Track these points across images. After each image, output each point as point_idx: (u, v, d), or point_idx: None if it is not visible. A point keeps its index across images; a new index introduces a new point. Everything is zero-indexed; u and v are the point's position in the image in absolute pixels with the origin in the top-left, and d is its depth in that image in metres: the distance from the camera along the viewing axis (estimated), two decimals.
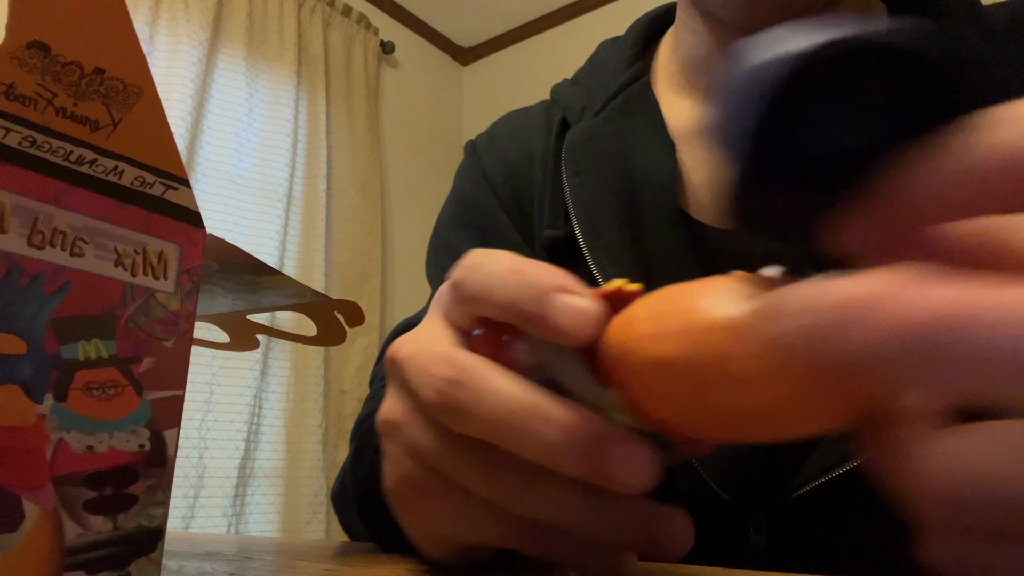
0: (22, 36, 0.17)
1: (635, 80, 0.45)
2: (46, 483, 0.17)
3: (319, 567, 0.27)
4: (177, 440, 0.20)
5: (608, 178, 0.42)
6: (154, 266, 0.20)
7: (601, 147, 0.43)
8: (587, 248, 0.41)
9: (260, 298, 0.32)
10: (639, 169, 0.42)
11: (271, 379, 1.84)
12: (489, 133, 0.53)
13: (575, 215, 0.42)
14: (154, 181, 0.20)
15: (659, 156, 0.42)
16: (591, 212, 0.41)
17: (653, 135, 0.43)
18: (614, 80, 0.46)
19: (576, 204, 0.42)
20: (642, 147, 0.42)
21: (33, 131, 0.17)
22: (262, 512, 1.77)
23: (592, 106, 0.46)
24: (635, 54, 0.47)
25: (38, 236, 0.17)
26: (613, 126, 0.44)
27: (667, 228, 0.40)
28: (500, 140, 0.51)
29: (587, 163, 0.43)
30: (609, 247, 0.40)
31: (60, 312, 0.17)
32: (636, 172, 0.42)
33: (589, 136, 0.44)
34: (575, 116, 0.46)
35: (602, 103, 0.45)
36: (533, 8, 2.47)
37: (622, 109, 0.44)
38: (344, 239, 2.08)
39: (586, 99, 0.47)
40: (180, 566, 0.27)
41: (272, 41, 1.99)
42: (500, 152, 0.50)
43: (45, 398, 0.17)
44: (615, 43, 0.50)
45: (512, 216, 0.47)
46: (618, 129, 0.44)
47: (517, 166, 0.48)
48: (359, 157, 2.17)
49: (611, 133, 0.44)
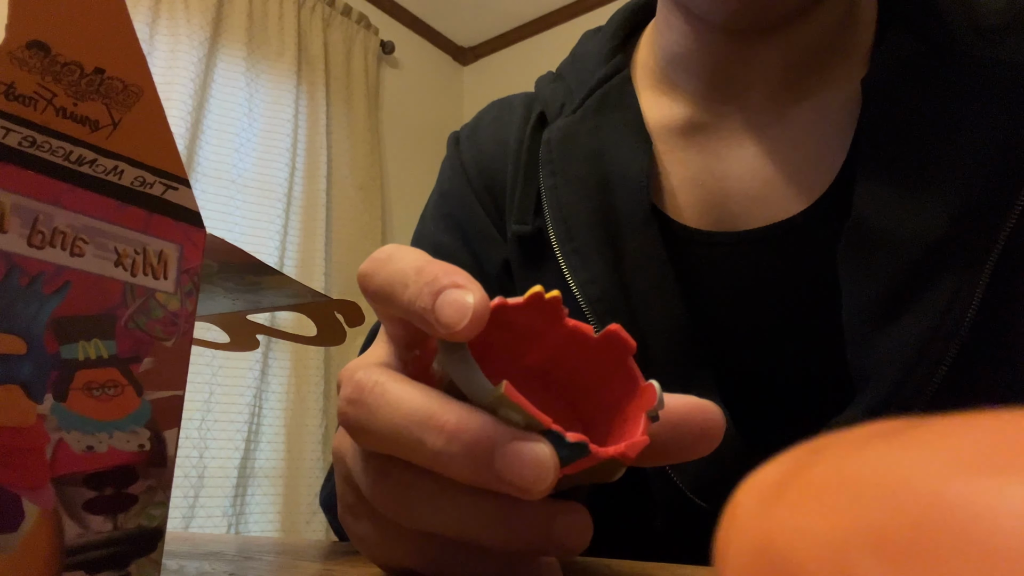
0: (22, 36, 0.17)
1: (615, 74, 0.45)
2: (46, 483, 0.17)
3: (319, 567, 0.27)
4: (177, 440, 0.20)
5: (583, 178, 0.42)
6: (154, 266, 0.20)
7: (577, 146, 0.43)
8: (560, 251, 0.41)
9: (260, 298, 0.32)
10: (614, 168, 0.41)
11: (271, 379, 1.84)
12: (473, 124, 0.53)
13: (549, 217, 0.42)
14: (154, 181, 0.20)
15: (634, 154, 0.41)
16: (565, 214, 0.41)
17: (629, 133, 0.42)
18: (593, 75, 0.45)
19: (551, 205, 0.42)
20: (617, 145, 0.42)
21: (33, 131, 0.17)
22: (262, 512, 1.77)
23: (571, 103, 0.45)
24: (615, 47, 0.47)
25: (38, 236, 0.17)
26: (590, 123, 0.43)
27: (640, 229, 0.39)
28: (481, 131, 0.51)
29: (563, 163, 0.43)
30: (582, 250, 0.40)
31: (60, 312, 0.17)
32: (611, 171, 0.41)
33: (565, 135, 0.44)
34: (554, 113, 0.46)
35: (580, 99, 0.45)
36: (533, 8, 2.47)
37: (599, 106, 0.44)
38: (344, 239, 2.08)
39: (566, 95, 0.46)
40: (180, 566, 0.27)
41: (272, 41, 1.99)
42: (479, 144, 0.50)
43: (45, 398, 0.17)
44: (597, 34, 0.49)
45: (487, 208, 0.47)
46: (594, 126, 0.43)
47: (492, 158, 0.48)
48: (359, 157, 2.17)
49: (587, 131, 0.43)
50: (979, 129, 0.34)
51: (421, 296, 0.17)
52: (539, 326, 0.20)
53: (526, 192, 0.44)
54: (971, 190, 0.33)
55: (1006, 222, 0.32)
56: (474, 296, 0.17)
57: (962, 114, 0.35)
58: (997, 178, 0.33)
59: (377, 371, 0.19)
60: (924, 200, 0.34)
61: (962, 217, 0.33)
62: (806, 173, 0.39)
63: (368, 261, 0.20)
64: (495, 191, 0.47)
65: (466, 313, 0.16)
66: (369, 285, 0.20)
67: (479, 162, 0.49)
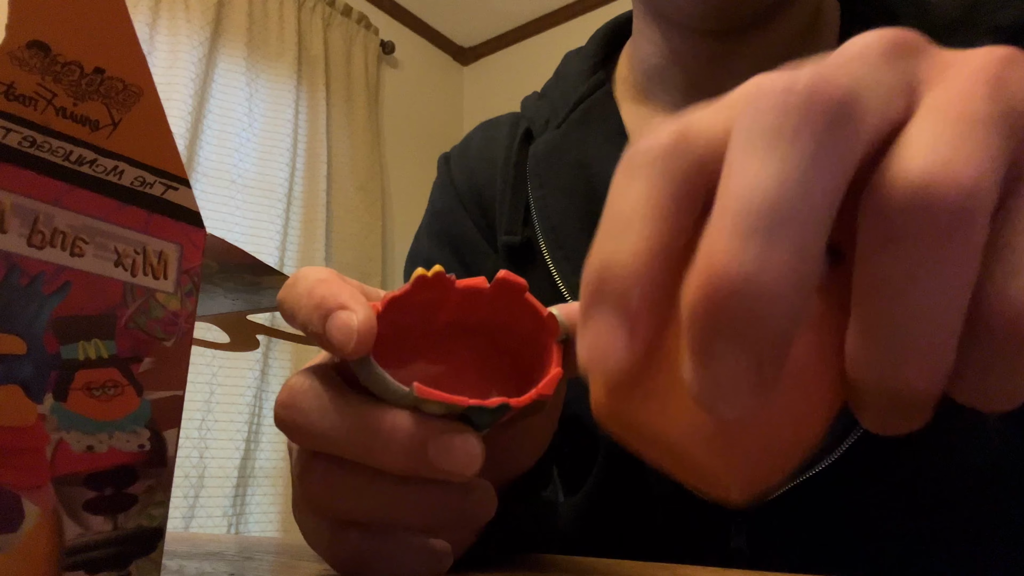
0: (22, 36, 0.17)
1: (596, 89, 0.47)
2: (46, 483, 0.17)
3: (319, 567, 0.27)
4: (177, 440, 0.20)
5: (569, 188, 0.43)
6: (154, 266, 0.20)
7: (563, 158, 0.45)
8: (550, 258, 0.42)
9: (260, 298, 0.32)
10: (599, 177, 0.43)
11: (271, 379, 1.84)
12: (462, 144, 0.55)
13: (539, 226, 0.43)
14: (154, 181, 0.20)
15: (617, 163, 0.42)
16: (554, 223, 0.43)
17: (612, 143, 0.44)
18: (575, 91, 0.47)
19: (539, 215, 0.44)
20: (602, 155, 0.43)
21: (33, 131, 0.17)
22: (262, 512, 1.77)
23: (555, 118, 0.47)
24: (595, 64, 0.49)
25: (38, 236, 0.17)
26: (574, 136, 0.45)
27: None
28: (470, 151, 0.53)
29: (549, 174, 0.44)
30: (572, 256, 0.41)
31: (60, 312, 0.17)
32: (596, 180, 0.43)
33: (551, 148, 0.45)
34: (539, 128, 0.48)
35: (564, 115, 0.46)
36: (533, 8, 2.47)
37: (582, 119, 0.46)
38: (344, 239, 2.08)
39: (550, 112, 0.48)
40: (180, 566, 0.27)
41: (272, 41, 1.99)
42: (468, 162, 0.52)
43: (45, 398, 0.17)
44: (578, 54, 0.51)
45: (477, 223, 0.49)
46: (579, 139, 0.45)
47: (481, 175, 0.50)
48: (359, 157, 2.17)
49: (572, 143, 0.45)
50: None
51: (311, 321, 0.19)
52: (438, 298, 0.21)
53: (515, 205, 0.46)
54: None
55: None
56: (358, 316, 0.18)
57: None
58: None
59: (310, 376, 0.20)
60: None
61: None
62: None
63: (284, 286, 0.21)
64: (485, 206, 0.49)
65: (351, 335, 0.18)
66: (282, 310, 0.21)
67: (469, 180, 0.51)
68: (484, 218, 0.49)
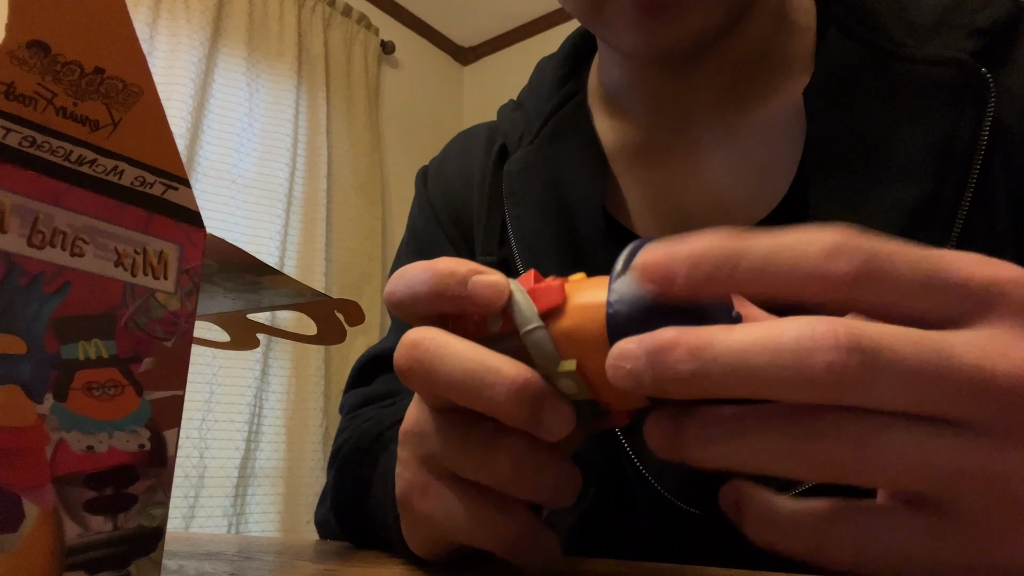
0: (22, 36, 0.17)
1: (567, 101, 0.47)
2: (46, 483, 0.17)
3: (319, 567, 0.27)
4: (177, 440, 0.20)
5: (545, 206, 0.44)
6: (154, 266, 0.20)
7: (537, 176, 0.45)
8: None
9: (260, 298, 0.32)
10: (572, 193, 0.43)
11: (271, 379, 1.84)
12: (440, 158, 0.55)
13: (516, 246, 0.43)
14: (154, 181, 0.20)
15: (590, 177, 0.43)
16: (530, 242, 0.43)
17: (584, 157, 0.44)
18: (548, 103, 0.47)
19: (516, 235, 0.44)
20: (574, 171, 0.44)
21: (33, 131, 0.17)
22: (262, 512, 1.77)
23: (529, 133, 0.47)
24: (565, 74, 0.48)
25: (38, 236, 0.17)
26: (546, 153, 0.45)
27: (601, 247, 0.41)
28: (447, 165, 0.53)
29: (524, 193, 0.45)
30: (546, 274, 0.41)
31: (60, 312, 0.17)
32: (569, 196, 0.43)
33: (524, 166, 0.45)
34: (514, 144, 0.48)
35: (536, 129, 0.47)
36: (533, 8, 2.47)
37: (553, 134, 0.46)
38: (344, 239, 2.08)
39: (525, 124, 0.48)
40: (180, 566, 0.27)
41: (272, 41, 1.99)
42: (445, 179, 0.52)
43: (45, 398, 0.17)
44: (551, 61, 0.51)
45: (455, 242, 0.49)
46: (552, 155, 0.45)
47: (458, 192, 0.50)
48: (359, 157, 2.17)
49: (544, 160, 0.45)
50: (921, 126, 0.35)
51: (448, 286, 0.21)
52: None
53: (490, 225, 0.46)
54: (922, 185, 0.34)
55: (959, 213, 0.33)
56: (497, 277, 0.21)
57: (903, 112, 0.35)
58: (945, 171, 0.34)
59: (429, 329, 0.21)
60: (877, 199, 0.34)
61: (915, 213, 0.34)
62: (762, 182, 0.40)
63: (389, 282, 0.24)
64: (463, 225, 0.49)
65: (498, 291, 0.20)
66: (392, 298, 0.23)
67: (446, 197, 0.51)
68: (462, 236, 0.49)
